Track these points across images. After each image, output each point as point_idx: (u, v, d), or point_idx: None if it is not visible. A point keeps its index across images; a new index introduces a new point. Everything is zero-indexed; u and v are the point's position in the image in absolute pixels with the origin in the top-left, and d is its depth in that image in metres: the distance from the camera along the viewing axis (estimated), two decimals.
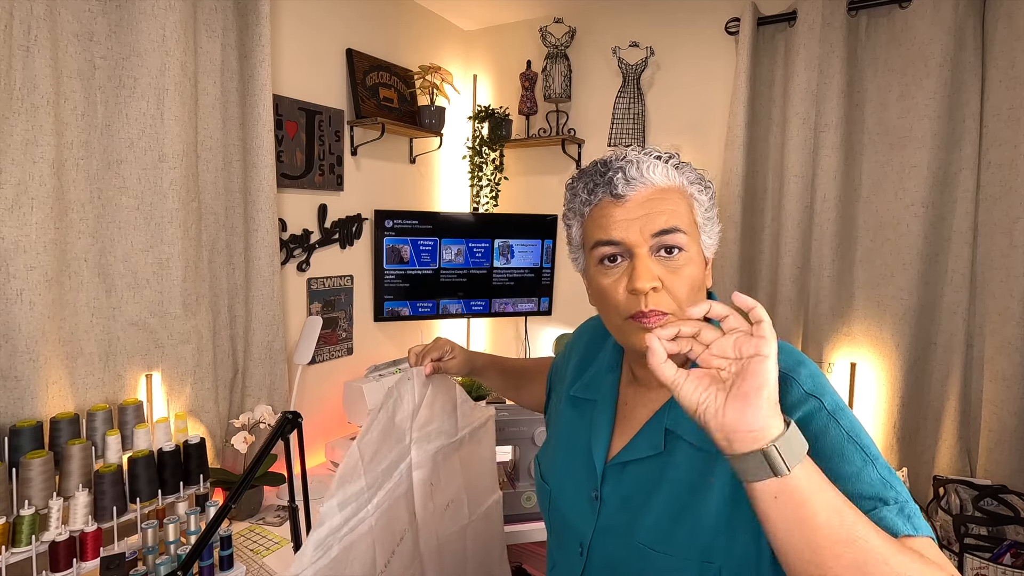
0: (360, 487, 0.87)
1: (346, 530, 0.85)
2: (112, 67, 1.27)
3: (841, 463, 0.55)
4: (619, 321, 0.66)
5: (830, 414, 0.58)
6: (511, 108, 2.33)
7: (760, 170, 1.89)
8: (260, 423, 1.52)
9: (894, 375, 1.68)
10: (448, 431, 1.03)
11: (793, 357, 0.63)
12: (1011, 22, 1.49)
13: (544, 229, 2.23)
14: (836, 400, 0.60)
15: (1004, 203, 1.52)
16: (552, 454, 0.83)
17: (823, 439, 0.57)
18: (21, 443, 1.10)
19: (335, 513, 0.83)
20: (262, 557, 1.32)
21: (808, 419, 0.58)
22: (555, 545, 0.80)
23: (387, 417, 0.91)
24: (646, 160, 0.65)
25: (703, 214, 0.67)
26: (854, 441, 0.56)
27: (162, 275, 1.36)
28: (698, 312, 0.51)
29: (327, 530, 0.82)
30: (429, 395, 0.97)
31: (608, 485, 0.70)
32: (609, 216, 0.65)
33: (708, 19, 1.98)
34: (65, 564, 1.07)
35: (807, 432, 0.55)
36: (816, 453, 0.55)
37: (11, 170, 1.11)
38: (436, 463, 1.00)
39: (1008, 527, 1.36)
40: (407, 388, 0.94)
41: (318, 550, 0.80)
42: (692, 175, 0.67)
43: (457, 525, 1.07)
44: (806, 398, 0.59)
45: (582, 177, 0.69)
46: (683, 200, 0.65)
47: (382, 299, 2.02)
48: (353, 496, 0.86)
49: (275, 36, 1.65)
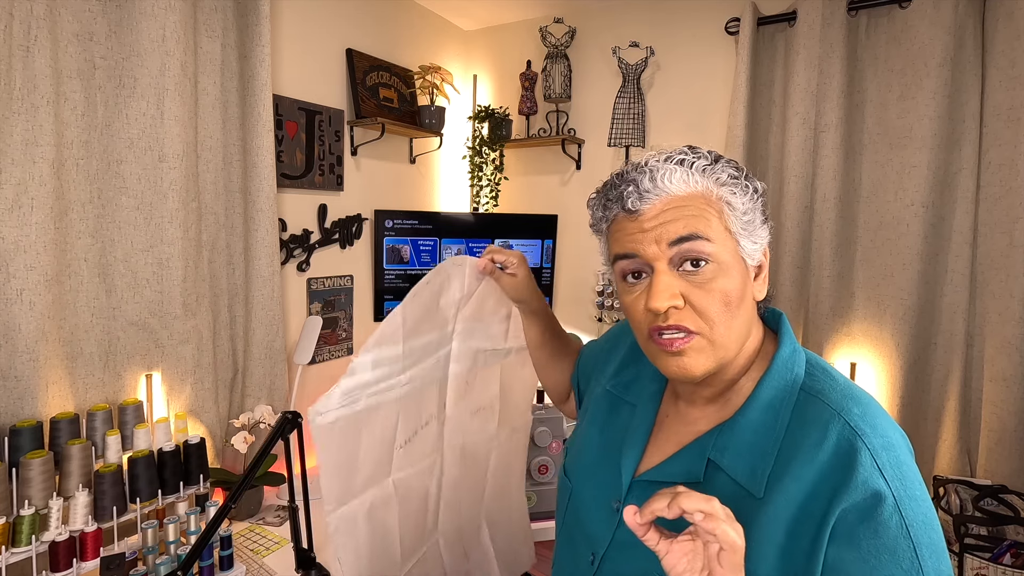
0: (396, 353, 0.85)
1: (374, 389, 0.83)
2: (112, 67, 1.27)
3: (889, 562, 0.49)
4: (644, 340, 0.61)
5: (897, 505, 0.50)
6: (511, 108, 2.33)
7: (760, 170, 1.88)
8: (260, 423, 1.52)
9: (894, 375, 1.68)
10: (496, 336, 1.00)
11: (870, 414, 0.54)
12: (1011, 22, 1.49)
13: (544, 229, 2.23)
14: (909, 485, 0.51)
15: (1004, 203, 1.52)
16: (581, 450, 0.77)
17: (880, 534, 0.49)
18: (21, 443, 1.10)
19: (367, 369, 0.81)
20: (262, 557, 1.32)
21: (869, 510, 0.50)
22: (565, 547, 0.75)
23: (431, 294, 0.88)
24: (663, 168, 0.58)
25: (739, 219, 0.59)
26: (911, 539, 0.49)
27: (162, 275, 1.36)
28: (639, 519, 0.48)
29: (356, 382, 0.80)
30: (480, 291, 0.94)
31: (632, 499, 0.65)
32: (624, 231, 0.60)
33: (708, 19, 1.98)
34: (65, 564, 1.07)
35: (864, 523, 0.50)
36: (863, 548, 0.50)
37: (11, 170, 1.11)
38: (476, 363, 0.98)
39: (1008, 527, 1.36)
40: (457, 273, 0.90)
41: (345, 397, 0.79)
42: (724, 175, 0.59)
43: (484, 434, 1.05)
44: (875, 479, 0.50)
45: (598, 194, 0.65)
46: (709, 207, 0.58)
47: (382, 299, 2.02)
48: (387, 360, 0.84)
49: (275, 36, 1.65)
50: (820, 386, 0.58)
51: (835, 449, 0.52)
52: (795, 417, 0.57)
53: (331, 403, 0.77)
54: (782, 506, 0.53)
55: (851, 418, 0.53)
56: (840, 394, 0.56)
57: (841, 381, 0.58)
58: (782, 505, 0.53)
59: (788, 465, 0.54)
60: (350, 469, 0.85)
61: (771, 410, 0.58)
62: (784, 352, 0.61)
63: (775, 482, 0.54)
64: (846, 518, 0.50)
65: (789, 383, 0.59)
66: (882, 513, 0.49)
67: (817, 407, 0.56)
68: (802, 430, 0.55)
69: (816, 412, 0.55)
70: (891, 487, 0.50)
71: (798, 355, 0.61)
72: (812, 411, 0.56)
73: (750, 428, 0.58)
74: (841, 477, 0.51)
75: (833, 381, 0.58)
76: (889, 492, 0.50)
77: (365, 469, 0.87)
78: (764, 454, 0.56)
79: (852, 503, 0.50)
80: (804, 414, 0.56)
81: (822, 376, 0.59)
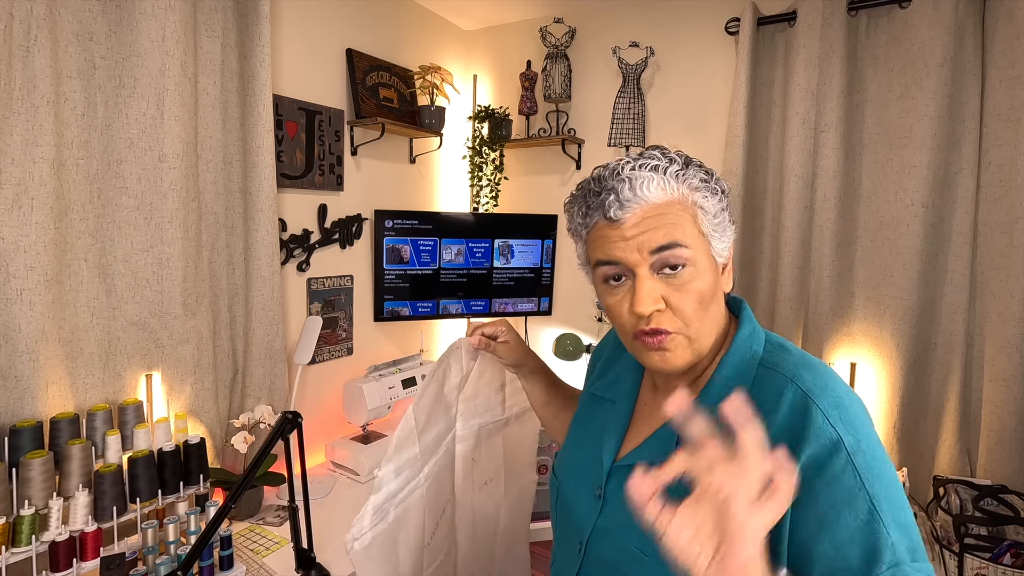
0: (414, 454, 0.87)
1: (401, 497, 0.84)
2: (112, 67, 1.27)
3: (848, 514, 0.53)
4: (628, 339, 0.66)
5: (850, 457, 0.53)
6: (511, 108, 2.33)
7: (760, 170, 1.89)
8: (260, 423, 1.52)
9: (894, 375, 1.68)
10: (494, 408, 1.01)
11: (820, 377, 0.59)
12: (1011, 22, 1.49)
13: (544, 229, 2.23)
14: (862, 439, 0.55)
15: (1004, 203, 1.52)
16: (566, 449, 0.83)
17: (834, 487, 0.53)
18: (21, 443, 1.10)
19: (391, 479, 0.83)
20: (262, 557, 1.32)
21: (823, 461, 0.54)
22: (559, 540, 0.80)
23: (438, 385, 0.90)
24: (640, 176, 0.61)
25: (710, 222, 0.63)
26: (866, 490, 0.52)
27: (162, 275, 1.36)
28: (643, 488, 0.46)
29: (385, 495, 0.81)
30: (477, 368, 0.96)
31: (612, 484, 0.70)
32: (606, 238, 0.63)
33: (708, 19, 1.98)
34: (65, 564, 1.07)
35: (820, 477, 0.53)
36: (821, 503, 0.53)
37: (11, 170, 1.11)
38: (479, 439, 0.98)
39: (1008, 527, 1.36)
40: (455, 357, 0.92)
41: (377, 515, 0.80)
42: (695, 180, 0.63)
43: (493, 501, 1.06)
44: (827, 433, 0.55)
45: (576, 200, 0.67)
46: (684, 212, 0.62)
47: (382, 299, 2.02)
48: (407, 462, 0.86)
49: (275, 36, 1.65)
50: (775, 359, 0.63)
51: (789, 412, 0.57)
52: (754, 389, 0.61)
53: (364, 525, 0.79)
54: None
55: (803, 383, 0.58)
56: (793, 364, 0.61)
57: (796, 353, 0.64)
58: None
59: None
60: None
61: (732, 384, 0.63)
62: (743, 333, 0.66)
63: None
64: (805, 474, 0.54)
65: (748, 359, 0.64)
66: (835, 466, 0.53)
67: (773, 377, 0.61)
68: (760, 399, 0.59)
69: (772, 382, 0.60)
70: (843, 441, 0.54)
71: (757, 335, 0.67)
72: (768, 382, 0.61)
73: (713, 405, 0.61)
74: (796, 437, 0.55)
75: (788, 353, 0.64)
76: (842, 446, 0.54)
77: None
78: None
79: (808, 459, 0.54)
80: (762, 385, 0.61)
81: (778, 351, 0.65)
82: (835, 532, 0.52)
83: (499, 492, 1.07)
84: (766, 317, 1.88)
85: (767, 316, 1.88)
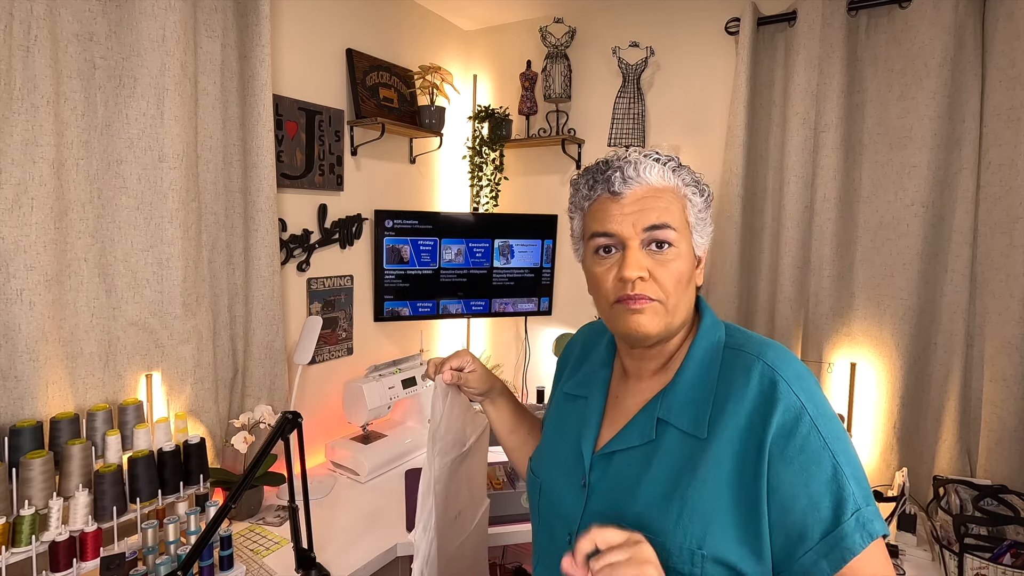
0: (430, 506, 0.90)
1: (431, 555, 0.89)
2: (112, 67, 1.27)
3: (817, 471, 0.61)
4: (607, 306, 0.72)
5: (812, 421, 0.62)
6: (511, 108, 2.33)
7: (760, 170, 1.88)
8: (260, 423, 1.52)
9: (894, 375, 1.68)
10: (460, 441, 1.00)
11: (781, 354, 0.68)
12: (1011, 22, 1.49)
13: (544, 229, 2.23)
14: (819, 405, 0.64)
15: (1004, 203, 1.52)
16: (543, 449, 0.86)
17: (804, 448, 0.62)
18: (21, 443, 1.10)
19: (422, 538, 0.88)
20: (262, 557, 1.32)
21: (791, 426, 0.62)
22: (544, 537, 0.82)
23: (431, 433, 0.92)
24: (644, 161, 0.70)
25: (696, 215, 0.72)
26: (829, 449, 0.61)
27: (162, 275, 1.36)
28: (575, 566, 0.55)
29: (422, 559, 0.86)
30: (449, 404, 0.94)
31: (596, 473, 0.73)
32: (606, 211, 0.71)
33: (708, 19, 1.98)
34: (65, 564, 1.07)
35: (791, 440, 0.61)
36: (795, 462, 0.61)
37: (11, 170, 1.11)
38: (450, 474, 0.97)
39: (1008, 527, 1.35)
40: (435, 400, 0.93)
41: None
42: (688, 178, 0.72)
43: (462, 535, 1.05)
44: (792, 401, 0.63)
45: (584, 174, 0.75)
46: (677, 200, 0.71)
47: (382, 299, 2.02)
48: (426, 516, 0.89)
49: (275, 36, 1.65)
50: (739, 341, 0.72)
51: (759, 386, 0.65)
52: (723, 369, 0.69)
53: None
54: (725, 442, 0.64)
55: (768, 360, 0.67)
56: (756, 343, 0.70)
57: (755, 336, 0.72)
58: (725, 441, 0.64)
59: (723, 407, 0.66)
60: None
61: (703, 366, 0.71)
62: (707, 321, 0.75)
63: (715, 424, 0.65)
64: (777, 441, 0.62)
65: (715, 343, 0.72)
66: (802, 429, 0.62)
67: (740, 357, 0.69)
68: (731, 377, 0.68)
69: (740, 361, 0.68)
70: (806, 407, 0.63)
71: (718, 323, 0.75)
72: (737, 361, 0.69)
73: (688, 385, 0.70)
74: (768, 406, 0.63)
75: (749, 336, 0.72)
76: (804, 412, 0.62)
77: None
78: (703, 403, 0.68)
79: (779, 426, 0.62)
80: (731, 364, 0.69)
81: (739, 335, 0.73)
82: (810, 486, 0.61)
83: (468, 525, 1.06)
84: (766, 317, 1.89)
85: (767, 316, 1.88)
